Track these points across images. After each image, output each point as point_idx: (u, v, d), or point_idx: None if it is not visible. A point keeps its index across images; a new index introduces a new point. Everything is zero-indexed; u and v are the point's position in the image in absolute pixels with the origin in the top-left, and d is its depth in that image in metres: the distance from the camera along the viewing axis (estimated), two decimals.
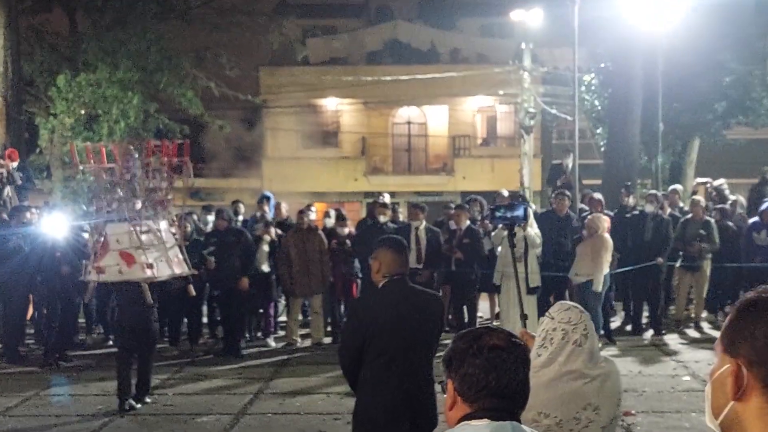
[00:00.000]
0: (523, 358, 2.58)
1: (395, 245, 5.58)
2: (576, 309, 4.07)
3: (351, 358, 5.41)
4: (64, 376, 12.00)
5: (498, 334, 2.59)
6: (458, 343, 2.59)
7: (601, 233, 12.91)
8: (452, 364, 2.57)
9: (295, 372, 12.08)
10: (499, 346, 2.54)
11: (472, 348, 2.54)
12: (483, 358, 2.51)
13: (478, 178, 32.27)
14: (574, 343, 3.98)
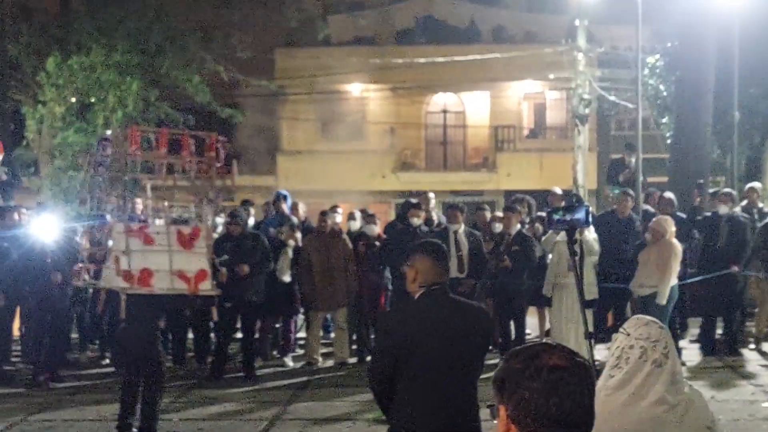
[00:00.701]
0: (588, 380, 2.53)
1: (434, 251, 5.60)
2: (655, 324, 4.03)
3: (383, 380, 5.43)
4: (55, 399, 12.13)
5: (559, 352, 2.54)
6: (512, 363, 2.55)
7: (669, 238, 12.87)
8: (505, 387, 2.53)
9: (317, 396, 12.14)
10: (560, 366, 2.50)
11: (529, 368, 2.49)
12: (542, 381, 2.47)
13: (525, 175, 32.19)
14: (654, 363, 3.92)
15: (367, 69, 32.35)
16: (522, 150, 34.38)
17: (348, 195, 31.79)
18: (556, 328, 13.35)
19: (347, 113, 35.24)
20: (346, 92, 35.10)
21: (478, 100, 34.76)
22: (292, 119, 34.33)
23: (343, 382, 12.95)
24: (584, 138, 27.08)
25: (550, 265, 13.58)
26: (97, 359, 14.74)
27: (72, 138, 19.27)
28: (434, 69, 31.20)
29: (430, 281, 5.42)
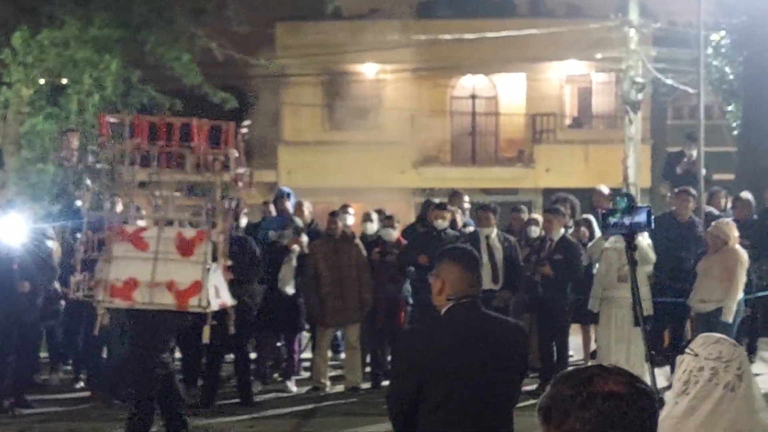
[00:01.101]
0: (649, 410, 2.52)
1: (464, 258, 5.62)
2: (727, 342, 3.99)
3: (403, 407, 5.44)
4: (22, 426, 12.19)
5: (616, 377, 2.52)
6: (560, 388, 2.55)
7: (732, 245, 12.87)
8: (552, 417, 2.53)
9: (325, 425, 12.19)
10: (617, 393, 2.48)
11: (581, 395, 2.48)
12: (596, 410, 2.46)
13: (567, 170, 32.16)
14: (726, 386, 3.84)
15: (383, 47, 32.35)
16: (563, 142, 34.35)
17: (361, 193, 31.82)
18: (605, 348, 13.33)
19: (360, 98, 35.26)
20: (359, 74, 35.13)
21: (513, 83, 34.74)
22: (296, 105, 34.39)
23: (355, 409, 12.98)
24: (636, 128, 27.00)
25: (597, 275, 13.57)
26: (70, 381, 14.79)
27: (42, 125, 19.30)
28: (461, 47, 31.18)
29: (460, 293, 5.43)
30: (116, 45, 20.18)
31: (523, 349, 5.65)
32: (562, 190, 18.28)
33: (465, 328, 5.40)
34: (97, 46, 19.77)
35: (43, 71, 19.71)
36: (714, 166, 20.25)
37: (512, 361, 5.46)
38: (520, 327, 5.74)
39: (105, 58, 19.57)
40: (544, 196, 29.69)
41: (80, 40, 19.75)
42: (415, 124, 34.41)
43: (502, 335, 5.48)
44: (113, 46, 20.08)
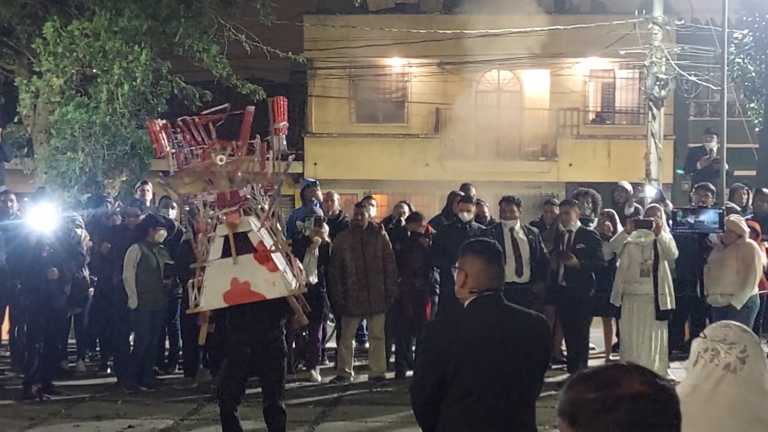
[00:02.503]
0: (674, 407, 2.50)
1: (487, 251, 5.60)
2: (738, 327, 3.98)
3: (427, 398, 5.43)
4: (48, 413, 12.23)
5: (639, 377, 2.50)
6: (583, 391, 2.50)
7: (747, 238, 12.96)
8: (579, 421, 2.49)
9: (348, 414, 12.18)
10: (643, 393, 2.46)
11: (608, 398, 2.44)
12: (623, 412, 2.42)
13: (590, 164, 32.11)
14: (726, 367, 3.82)
15: (409, 40, 32.31)
16: (587, 136, 34.26)
17: (385, 185, 31.88)
18: (627, 342, 13.30)
19: (386, 91, 35.26)
20: (385, 67, 35.11)
21: (538, 78, 34.65)
22: (323, 97, 34.40)
23: (379, 399, 12.97)
24: (659, 124, 26.89)
25: (620, 269, 13.53)
26: (97, 368, 14.85)
27: (71, 114, 19.34)
28: (487, 42, 31.09)
29: (482, 286, 5.42)
30: (145, 36, 20.18)
31: (546, 341, 5.63)
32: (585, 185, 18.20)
33: (488, 321, 5.38)
34: (126, 37, 19.78)
35: (73, 61, 19.74)
36: (736, 163, 20.15)
37: (534, 354, 5.44)
38: (543, 319, 5.69)
39: (134, 49, 19.58)
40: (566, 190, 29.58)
41: (110, 31, 19.77)
42: (440, 118, 34.40)
43: (524, 328, 5.46)
44: (142, 37, 20.08)
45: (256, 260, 8.98)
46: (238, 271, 8.99)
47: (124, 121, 19.72)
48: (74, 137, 19.38)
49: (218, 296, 9.07)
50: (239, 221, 9.08)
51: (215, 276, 9.09)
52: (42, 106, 20.32)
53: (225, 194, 9.05)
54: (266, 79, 28.78)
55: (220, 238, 9.10)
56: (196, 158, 9.79)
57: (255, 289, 8.96)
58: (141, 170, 20.51)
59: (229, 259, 8.99)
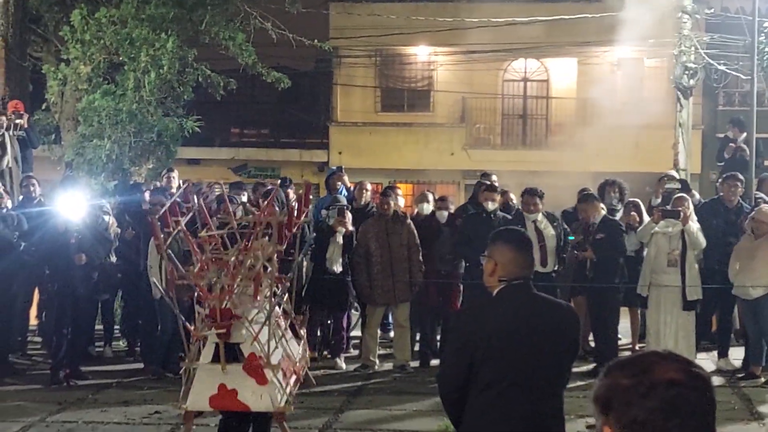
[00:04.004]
0: (709, 395, 2.50)
1: (517, 240, 5.64)
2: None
3: (455, 386, 5.47)
4: (76, 398, 12.36)
5: (673, 364, 2.51)
6: (618, 378, 2.52)
7: None
8: (613, 407, 2.49)
9: (373, 402, 12.24)
10: (678, 380, 2.46)
11: (642, 385, 2.46)
12: (658, 399, 2.43)
13: (617, 154, 31.95)
14: None
15: (435, 28, 32.27)
16: (614, 126, 34.08)
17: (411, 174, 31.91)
18: (653, 333, 13.31)
19: (412, 80, 35.24)
20: (411, 56, 35.09)
21: (565, 67, 34.55)
22: (348, 86, 34.42)
23: (404, 388, 13.01)
24: (687, 114, 26.80)
25: (647, 259, 13.53)
26: (123, 354, 14.98)
27: (99, 102, 19.45)
28: (514, 30, 31.04)
29: (512, 275, 5.45)
30: (172, 24, 20.27)
31: (575, 331, 5.65)
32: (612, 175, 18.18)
33: (516, 310, 5.42)
34: (153, 25, 19.88)
35: (100, 49, 19.84)
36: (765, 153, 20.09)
37: (563, 343, 5.48)
38: (572, 309, 5.74)
39: (161, 36, 19.66)
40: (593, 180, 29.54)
41: (137, 19, 19.87)
42: (466, 107, 34.37)
43: (553, 317, 5.49)
44: (169, 24, 20.17)
45: (245, 371, 8.97)
46: (227, 378, 8.97)
47: (150, 108, 19.82)
48: (101, 125, 19.49)
49: (204, 399, 9.02)
50: (230, 337, 9.01)
51: (204, 378, 9.08)
52: (69, 94, 20.46)
53: (216, 311, 8.94)
54: (291, 68, 28.85)
55: (211, 344, 9.07)
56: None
57: (241, 399, 8.91)
58: (167, 158, 20.61)
59: (218, 366, 8.98)
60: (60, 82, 20.28)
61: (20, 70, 20.39)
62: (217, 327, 8.82)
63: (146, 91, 19.52)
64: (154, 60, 19.60)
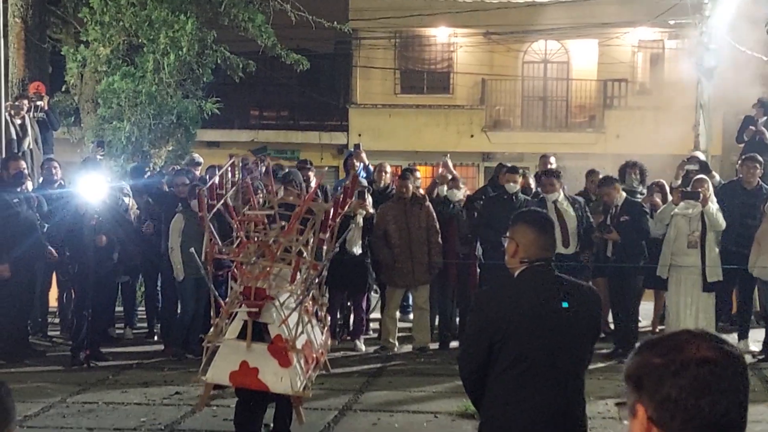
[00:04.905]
0: (742, 373, 2.49)
1: (539, 221, 5.63)
2: None
3: (475, 367, 5.48)
4: (96, 379, 12.43)
5: (706, 342, 2.50)
6: (650, 356, 2.52)
7: None
8: (644, 385, 2.49)
9: (393, 384, 12.27)
10: (710, 359, 2.45)
11: (674, 363, 2.45)
12: (690, 377, 2.43)
13: (637, 136, 31.80)
14: None
15: (455, 9, 32.22)
16: (635, 108, 34.01)
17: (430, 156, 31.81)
18: (673, 314, 13.30)
19: (431, 62, 35.19)
20: (431, 37, 35.03)
21: (585, 48, 34.43)
22: (367, 68, 34.38)
23: (423, 369, 13.05)
24: (708, 95, 26.71)
25: (666, 241, 13.51)
26: (144, 335, 15.05)
27: (118, 84, 19.50)
28: (534, 12, 30.97)
29: (533, 256, 5.44)
30: (191, 5, 20.28)
31: (596, 312, 5.63)
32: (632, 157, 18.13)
33: (538, 291, 5.41)
34: (172, 6, 19.89)
35: (119, 30, 19.88)
36: None
37: (585, 325, 5.46)
38: (593, 291, 5.71)
39: (180, 18, 19.68)
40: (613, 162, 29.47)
41: (156, 0, 19.87)
42: (486, 89, 34.31)
43: (575, 298, 5.47)
44: (188, 6, 20.18)
45: (269, 351, 9.00)
46: (250, 356, 9.01)
47: (170, 90, 19.85)
48: (120, 107, 19.54)
49: (225, 373, 9.08)
50: (259, 317, 9.03)
51: (227, 353, 9.12)
52: (89, 76, 20.51)
53: (250, 290, 8.95)
54: (311, 50, 28.83)
55: (240, 321, 9.10)
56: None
57: (262, 378, 8.96)
58: (187, 140, 20.65)
59: (243, 342, 9.01)
60: (79, 64, 20.32)
61: (40, 52, 20.44)
62: (249, 305, 8.89)
63: (165, 73, 19.55)
64: (173, 42, 19.62)
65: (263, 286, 8.94)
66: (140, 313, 15.69)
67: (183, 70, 20.01)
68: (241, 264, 9.13)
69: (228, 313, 9.19)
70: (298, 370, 9.03)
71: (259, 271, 9.00)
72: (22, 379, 12.15)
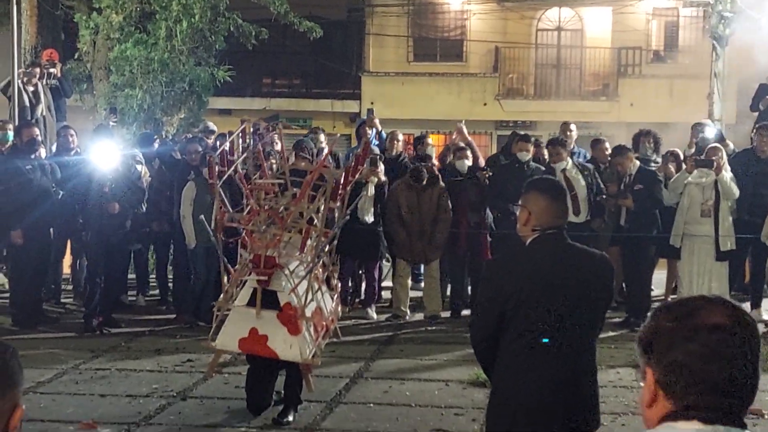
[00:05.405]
0: (753, 341, 2.48)
1: (551, 189, 5.61)
2: None
3: (487, 335, 5.48)
4: (109, 345, 12.46)
5: (720, 308, 2.48)
6: (662, 321, 2.51)
7: None
8: (654, 349, 2.50)
9: (404, 352, 12.29)
10: (722, 325, 2.45)
11: (684, 328, 2.45)
12: (700, 343, 2.43)
13: (651, 105, 31.75)
14: None
15: None
16: (649, 76, 33.88)
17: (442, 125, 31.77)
18: (686, 283, 13.28)
19: (444, 29, 35.06)
20: (444, 5, 34.91)
21: (599, 16, 34.27)
22: (380, 35, 34.28)
23: (435, 338, 13.06)
24: (723, 63, 26.57)
25: (680, 210, 13.47)
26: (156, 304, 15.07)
27: (130, 51, 19.47)
28: None
29: (545, 224, 5.43)
30: None
31: (608, 280, 5.63)
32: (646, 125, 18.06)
33: (550, 259, 5.40)
34: None
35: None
36: None
37: (596, 293, 5.46)
38: (606, 259, 5.69)
39: None
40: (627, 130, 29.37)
41: None
42: (500, 57, 34.20)
43: (587, 266, 5.47)
44: None
45: (278, 319, 8.99)
46: (259, 324, 9.00)
47: (182, 58, 19.81)
48: (133, 74, 19.52)
49: (234, 340, 9.10)
50: (269, 285, 9.01)
51: (237, 320, 9.12)
52: (101, 43, 20.47)
53: (260, 258, 8.93)
54: (323, 17, 28.74)
55: (249, 288, 9.09)
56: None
57: (271, 345, 8.96)
58: (199, 108, 20.62)
59: (253, 310, 9.00)
60: (92, 31, 20.29)
61: (52, 19, 20.42)
62: (259, 273, 8.89)
63: (178, 41, 19.51)
64: (185, 9, 19.58)
65: (273, 255, 8.94)
66: (153, 281, 15.71)
67: (195, 37, 19.97)
68: (251, 232, 9.13)
69: (238, 280, 9.20)
70: (308, 337, 9.04)
71: (269, 239, 8.99)
72: (35, 345, 12.20)
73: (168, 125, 19.98)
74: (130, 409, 9.79)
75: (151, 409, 9.78)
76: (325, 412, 9.70)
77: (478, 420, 9.08)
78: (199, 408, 9.88)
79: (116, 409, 9.76)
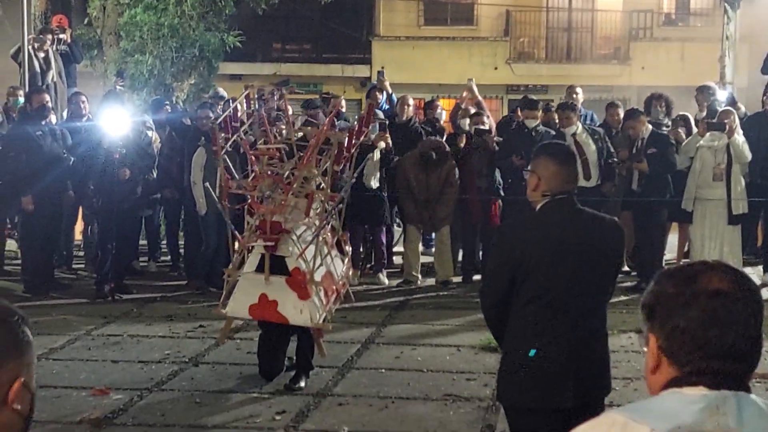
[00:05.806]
0: (755, 306, 2.46)
1: (560, 154, 5.61)
2: None
3: (497, 300, 5.48)
4: (121, 311, 12.50)
5: (721, 274, 2.47)
6: (665, 286, 2.50)
7: None
8: (656, 315, 2.49)
9: (415, 317, 12.31)
10: (723, 290, 2.43)
11: (685, 293, 2.44)
12: (700, 308, 2.42)
13: (662, 68, 31.61)
14: None
15: None
16: (660, 39, 33.72)
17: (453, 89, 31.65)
18: (698, 247, 13.25)
19: None
20: None
21: None
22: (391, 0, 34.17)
23: (446, 303, 13.08)
24: (735, 26, 26.42)
25: (691, 174, 13.42)
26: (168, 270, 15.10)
27: (140, 17, 19.38)
28: None
29: (555, 189, 5.42)
30: None
31: (619, 245, 5.64)
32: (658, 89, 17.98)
33: (560, 224, 5.40)
34: None
35: None
36: None
37: (607, 257, 5.47)
38: (616, 223, 5.67)
39: None
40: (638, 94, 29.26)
41: None
42: (510, 20, 34.04)
43: (597, 231, 5.47)
44: None
45: (287, 284, 8.97)
46: (269, 289, 8.98)
47: (192, 23, 19.72)
48: (143, 39, 19.45)
49: (244, 307, 9.09)
50: (276, 250, 8.98)
51: (246, 286, 9.11)
52: (111, 8, 20.38)
53: (266, 224, 8.90)
54: None
55: (257, 254, 9.07)
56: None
57: (281, 311, 8.95)
58: (209, 73, 20.55)
59: (262, 275, 8.98)
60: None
61: None
62: (266, 239, 8.89)
63: (188, 6, 19.42)
64: None
65: (279, 220, 8.94)
66: (164, 247, 15.73)
67: (205, 2, 19.87)
68: (256, 198, 9.12)
69: (246, 246, 9.20)
70: (317, 302, 9.04)
71: (274, 205, 8.99)
72: (47, 311, 12.25)
73: (178, 91, 19.91)
74: (143, 374, 9.83)
75: (164, 374, 9.82)
76: (337, 378, 9.73)
77: (489, 385, 9.09)
78: (211, 374, 9.92)
79: (128, 375, 9.80)
